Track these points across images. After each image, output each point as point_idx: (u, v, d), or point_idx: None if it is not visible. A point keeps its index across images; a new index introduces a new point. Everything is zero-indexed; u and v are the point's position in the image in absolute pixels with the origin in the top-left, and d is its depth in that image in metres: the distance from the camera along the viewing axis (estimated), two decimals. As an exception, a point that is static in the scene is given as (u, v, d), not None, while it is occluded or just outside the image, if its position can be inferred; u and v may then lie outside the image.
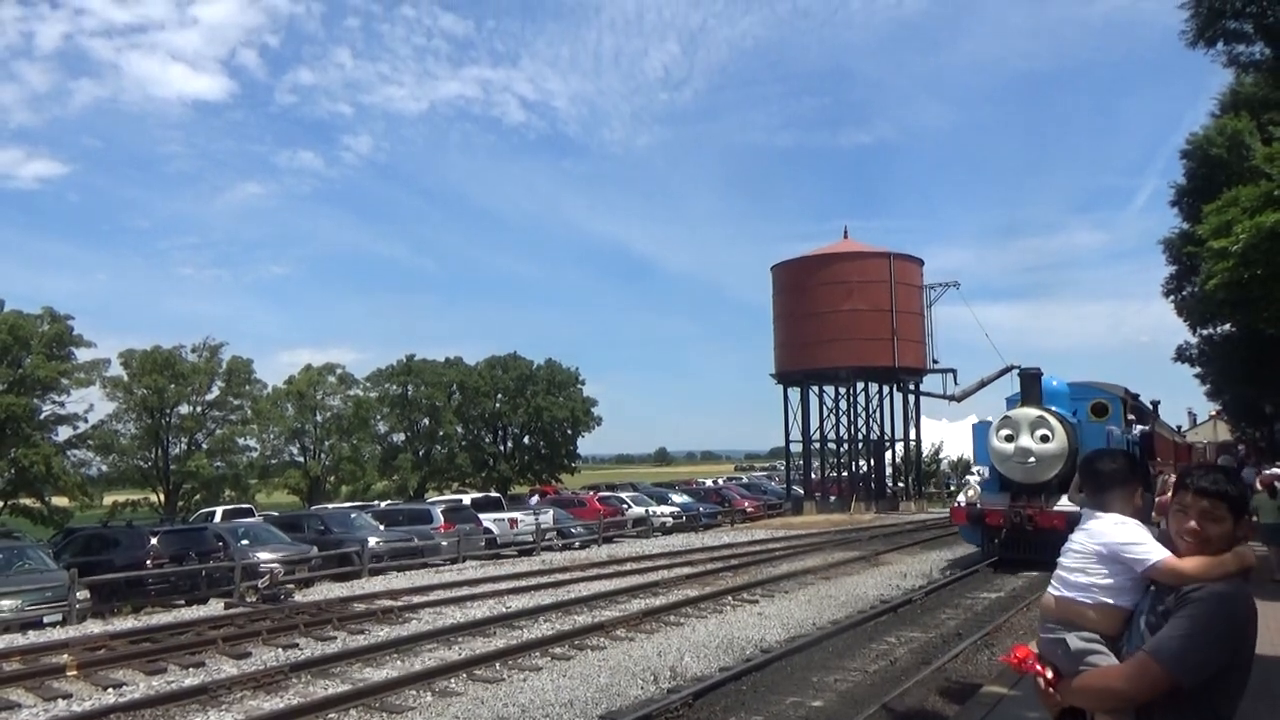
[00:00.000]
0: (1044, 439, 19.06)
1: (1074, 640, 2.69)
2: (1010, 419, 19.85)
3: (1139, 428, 22.94)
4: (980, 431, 22.20)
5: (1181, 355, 36.89)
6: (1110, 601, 2.68)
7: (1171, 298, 31.87)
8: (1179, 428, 42.86)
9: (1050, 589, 2.84)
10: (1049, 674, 2.71)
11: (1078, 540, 2.82)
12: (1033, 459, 19.13)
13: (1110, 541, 2.71)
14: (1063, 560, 2.84)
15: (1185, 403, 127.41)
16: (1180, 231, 28.37)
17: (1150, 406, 27.36)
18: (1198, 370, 37.91)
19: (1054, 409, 19.75)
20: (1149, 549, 2.63)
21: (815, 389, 48.44)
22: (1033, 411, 19.54)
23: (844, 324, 43.82)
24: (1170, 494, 2.83)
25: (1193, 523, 2.57)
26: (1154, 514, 2.95)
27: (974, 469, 25.48)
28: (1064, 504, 17.60)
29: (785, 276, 47.25)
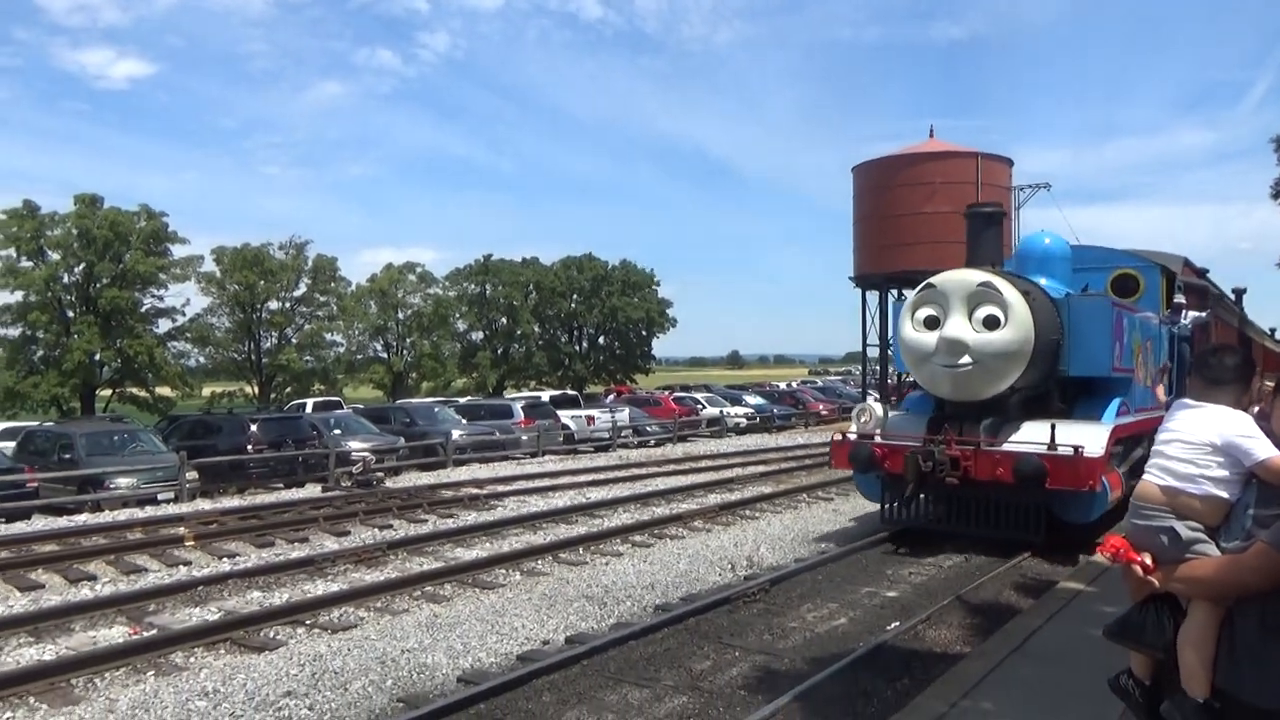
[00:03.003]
0: (990, 323, 10.84)
1: (1184, 529, 2.74)
2: (935, 289, 11.39)
3: (1193, 315, 15.77)
4: (897, 315, 12.65)
5: (1287, 261, 35.13)
6: (1221, 494, 2.72)
7: (1280, 200, 30.23)
8: (1272, 331, 40.38)
9: (1151, 476, 2.88)
10: (1148, 560, 2.77)
11: (1185, 430, 2.83)
12: (967, 359, 10.86)
13: (1226, 432, 2.73)
14: (1164, 449, 2.86)
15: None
16: (1296, 129, 26.73)
17: (1229, 295, 21.63)
18: (1304, 278, 36.11)
19: (1031, 279, 11.81)
20: (1262, 443, 2.67)
21: (894, 293, 47.62)
22: (972, 276, 11.28)
23: (926, 226, 42.55)
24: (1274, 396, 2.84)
25: None
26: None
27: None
28: (1022, 438, 11.00)
29: (866, 177, 46.03)
